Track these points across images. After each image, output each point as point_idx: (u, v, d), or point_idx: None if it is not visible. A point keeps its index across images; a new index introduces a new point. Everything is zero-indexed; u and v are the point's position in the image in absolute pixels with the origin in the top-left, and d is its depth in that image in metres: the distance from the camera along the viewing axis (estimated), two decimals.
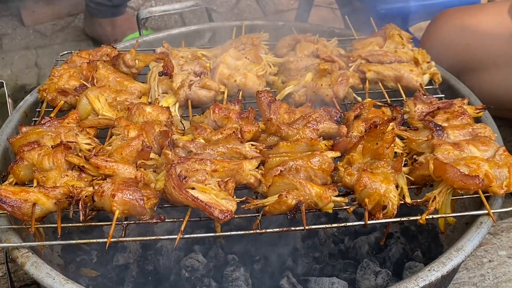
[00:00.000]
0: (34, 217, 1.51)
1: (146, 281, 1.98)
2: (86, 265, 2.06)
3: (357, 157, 1.63)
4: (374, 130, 1.60)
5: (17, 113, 2.11)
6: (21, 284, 2.03)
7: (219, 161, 1.63)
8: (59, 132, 1.76)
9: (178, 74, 2.07)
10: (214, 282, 1.91)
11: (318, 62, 2.14)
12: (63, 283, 1.43)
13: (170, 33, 2.70)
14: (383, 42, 2.29)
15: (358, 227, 2.10)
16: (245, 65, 2.15)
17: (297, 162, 1.61)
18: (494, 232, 2.22)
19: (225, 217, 1.47)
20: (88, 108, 1.93)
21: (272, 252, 2.03)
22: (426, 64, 2.16)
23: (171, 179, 1.50)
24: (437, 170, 1.56)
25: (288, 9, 4.57)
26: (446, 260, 1.47)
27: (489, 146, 1.65)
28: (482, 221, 1.57)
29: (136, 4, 4.53)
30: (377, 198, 1.51)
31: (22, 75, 3.67)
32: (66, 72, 2.11)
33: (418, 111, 1.87)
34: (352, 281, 1.92)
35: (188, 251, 2.02)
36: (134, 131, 1.77)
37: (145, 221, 1.54)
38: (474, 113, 1.89)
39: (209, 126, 1.82)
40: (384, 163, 1.59)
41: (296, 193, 1.52)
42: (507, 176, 1.57)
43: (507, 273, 2.06)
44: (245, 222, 2.03)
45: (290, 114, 1.88)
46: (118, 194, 1.49)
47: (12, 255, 1.53)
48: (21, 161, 1.65)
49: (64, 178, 1.61)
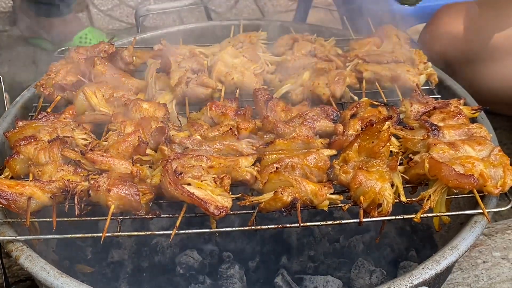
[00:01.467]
0: (29, 211, 1.51)
1: (141, 277, 1.98)
2: (81, 261, 2.06)
3: (353, 155, 1.63)
4: (370, 128, 1.61)
5: (14, 108, 2.11)
6: (16, 279, 2.03)
7: (215, 157, 1.63)
8: (56, 127, 1.77)
9: (176, 71, 2.08)
10: (209, 279, 1.91)
11: (315, 61, 2.15)
12: (57, 276, 1.43)
13: (168, 31, 2.70)
14: (380, 43, 2.30)
15: (353, 225, 2.10)
16: (243, 63, 2.15)
17: (293, 160, 1.61)
18: (489, 233, 2.23)
19: (220, 213, 1.47)
20: (85, 104, 1.93)
21: (267, 250, 2.04)
22: (423, 64, 2.16)
23: (167, 175, 1.50)
24: (433, 169, 1.56)
25: (286, 10, 4.57)
26: (440, 258, 1.47)
27: (485, 146, 1.66)
28: (477, 221, 1.58)
29: (134, 2, 4.53)
30: (372, 196, 1.52)
31: (19, 72, 3.66)
32: (64, 68, 2.12)
33: (414, 111, 1.87)
34: (347, 279, 1.93)
35: (183, 248, 2.02)
36: (131, 127, 1.77)
37: (140, 216, 1.54)
38: (470, 113, 1.89)
39: (205, 123, 1.82)
40: (379, 161, 1.60)
41: (292, 190, 1.52)
42: (502, 176, 1.58)
43: (501, 274, 2.06)
44: (240, 219, 2.03)
45: (287, 112, 1.89)
46: (113, 189, 1.50)
47: (7, 249, 1.53)
48: (17, 155, 1.66)
49: (60, 172, 1.61)
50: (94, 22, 4.24)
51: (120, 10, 4.49)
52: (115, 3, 4.53)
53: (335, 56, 2.21)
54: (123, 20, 4.40)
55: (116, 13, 4.46)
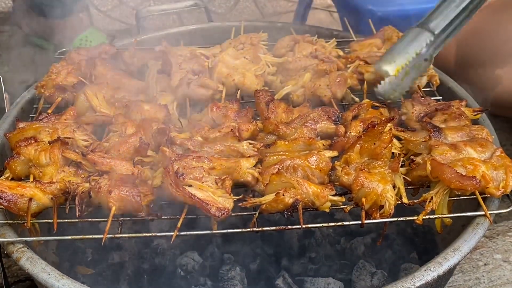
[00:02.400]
0: (30, 212, 1.51)
1: (141, 279, 1.98)
2: (81, 263, 2.05)
3: (355, 156, 1.62)
4: (372, 130, 1.60)
5: (14, 109, 2.10)
6: (15, 279, 2.03)
7: (217, 158, 1.63)
8: (56, 128, 1.76)
9: (177, 73, 2.07)
10: (209, 281, 1.90)
11: (316, 62, 2.15)
12: (58, 278, 1.42)
13: (169, 32, 2.70)
14: (381, 44, 2.29)
15: (354, 227, 2.10)
16: (244, 65, 2.15)
17: (294, 161, 1.61)
18: (490, 235, 2.23)
19: (222, 214, 1.47)
20: (85, 105, 1.92)
21: (268, 252, 2.03)
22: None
23: (169, 176, 1.49)
24: (434, 171, 1.56)
25: (286, 11, 4.58)
26: (442, 260, 1.47)
27: (487, 148, 1.65)
28: (479, 222, 1.57)
29: (134, 3, 4.52)
30: (374, 197, 1.51)
31: (19, 72, 3.66)
32: (64, 69, 2.11)
33: (416, 113, 1.87)
34: (348, 281, 1.92)
35: (184, 250, 2.02)
36: (132, 128, 1.77)
37: (141, 218, 1.54)
38: (472, 115, 1.89)
39: (207, 124, 1.82)
40: (381, 163, 1.60)
41: (293, 192, 1.51)
42: (504, 177, 1.58)
43: (502, 276, 2.06)
44: (241, 221, 2.03)
45: (288, 113, 1.88)
46: (114, 190, 1.49)
47: (7, 250, 1.52)
48: (17, 156, 1.65)
49: (60, 173, 1.61)
50: (94, 23, 4.23)
51: (120, 11, 4.49)
52: (115, 4, 4.53)
53: (336, 58, 2.21)
54: (123, 20, 4.40)
55: (116, 14, 4.46)
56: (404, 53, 1.85)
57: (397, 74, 1.79)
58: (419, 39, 1.88)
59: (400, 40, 1.95)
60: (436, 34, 1.84)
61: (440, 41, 1.88)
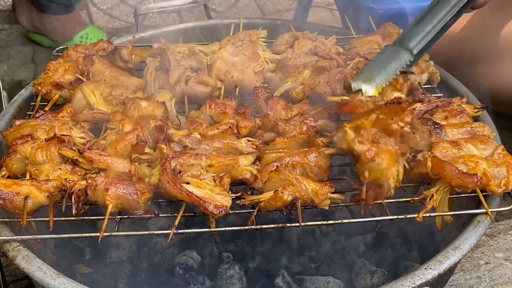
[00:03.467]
0: (26, 210, 1.49)
1: (140, 278, 1.96)
2: (79, 261, 2.04)
3: (367, 124, 1.54)
4: (395, 105, 1.52)
5: (12, 107, 2.09)
6: (13, 278, 2.02)
7: (215, 156, 1.61)
8: (53, 126, 1.75)
9: (175, 70, 2.06)
10: (208, 280, 1.89)
11: (316, 59, 2.13)
12: (54, 277, 1.41)
13: (168, 30, 2.68)
14: (381, 41, 2.28)
15: (354, 226, 2.08)
16: (243, 62, 2.13)
17: (293, 158, 1.59)
18: (491, 234, 2.21)
19: (220, 212, 1.45)
20: (83, 102, 1.91)
21: (267, 250, 2.02)
22: (425, 63, 2.14)
23: (166, 173, 1.48)
24: (435, 168, 1.54)
25: (286, 9, 4.56)
26: (443, 258, 1.45)
27: (488, 145, 1.64)
28: (480, 220, 1.56)
29: (133, 1, 4.51)
30: (378, 175, 1.47)
31: (18, 70, 3.65)
32: (62, 66, 2.10)
33: (417, 109, 1.85)
34: (348, 280, 1.91)
35: (182, 248, 2.01)
36: (129, 125, 1.75)
37: (138, 216, 1.52)
38: (473, 112, 1.87)
39: (205, 122, 1.80)
40: (393, 141, 1.52)
41: (292, 189, 1.50)
42: (506, 175, 1.56)
43: (503, 275, 2.05)
44: (240, 219, 2.01)
45: (287, 110, 1.87)
46: (111, 188, 1.48)
47: (3, 249, 1.51)
48: (14, 154, 1.64)
49: (57, 171, 1.59)
50: (93, 21, 4.22)
51: (119, 9, 4.48)
52: (115, 2, 4.53)
53: (336, 54, 2.19)
54: (122, 19, 4.39)
55: (116, 12, 4.45)
56: (385, 73, 1.82)
57: (377, 94, 1.77)
58: (399, 59, 1.84)
59: (378, 57, 1.92)
60: (415, 54, 1.83)
61: (418, 58, 1.87)
